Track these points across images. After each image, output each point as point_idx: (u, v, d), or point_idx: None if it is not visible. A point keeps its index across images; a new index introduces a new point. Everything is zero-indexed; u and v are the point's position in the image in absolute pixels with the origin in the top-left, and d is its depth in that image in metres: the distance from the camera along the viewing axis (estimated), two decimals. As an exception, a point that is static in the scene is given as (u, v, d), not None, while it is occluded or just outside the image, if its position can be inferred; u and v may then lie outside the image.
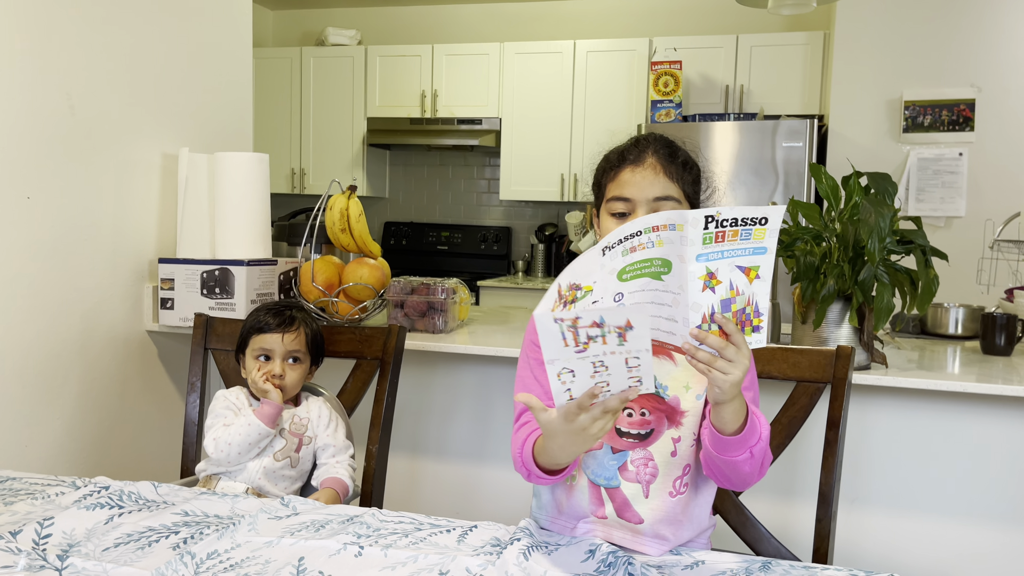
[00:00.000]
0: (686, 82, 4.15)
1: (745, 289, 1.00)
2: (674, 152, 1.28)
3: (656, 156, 1.25)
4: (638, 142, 1.29)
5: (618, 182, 1.26)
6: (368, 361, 1.77)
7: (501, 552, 1.13)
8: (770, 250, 1.00)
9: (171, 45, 2.23)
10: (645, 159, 1.25)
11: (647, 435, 1.23)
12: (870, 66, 3.71)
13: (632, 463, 1.22)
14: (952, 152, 3.63)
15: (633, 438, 1.23)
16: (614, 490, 1.23)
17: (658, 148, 1.27)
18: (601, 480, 1.23)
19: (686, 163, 1.28)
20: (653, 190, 1.23)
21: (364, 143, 4.77)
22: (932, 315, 2.39)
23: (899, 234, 1.78)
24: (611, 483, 1.23)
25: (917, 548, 1.94)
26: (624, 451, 1.23)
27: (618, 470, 1.23)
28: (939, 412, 1.92)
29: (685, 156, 1.29)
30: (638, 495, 1.22)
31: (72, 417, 1.99)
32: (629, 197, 1.24)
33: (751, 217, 0.98)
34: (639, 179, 1.24)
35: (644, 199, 1.23)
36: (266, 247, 2.23)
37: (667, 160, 1.26)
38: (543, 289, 4.27)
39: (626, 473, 1.23)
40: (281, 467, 1.60)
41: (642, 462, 1.22)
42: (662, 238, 0.98)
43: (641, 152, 1.26)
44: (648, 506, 1.22)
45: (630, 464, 1.22)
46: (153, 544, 1.14)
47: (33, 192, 1.87)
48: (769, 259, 1.01)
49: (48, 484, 1.37)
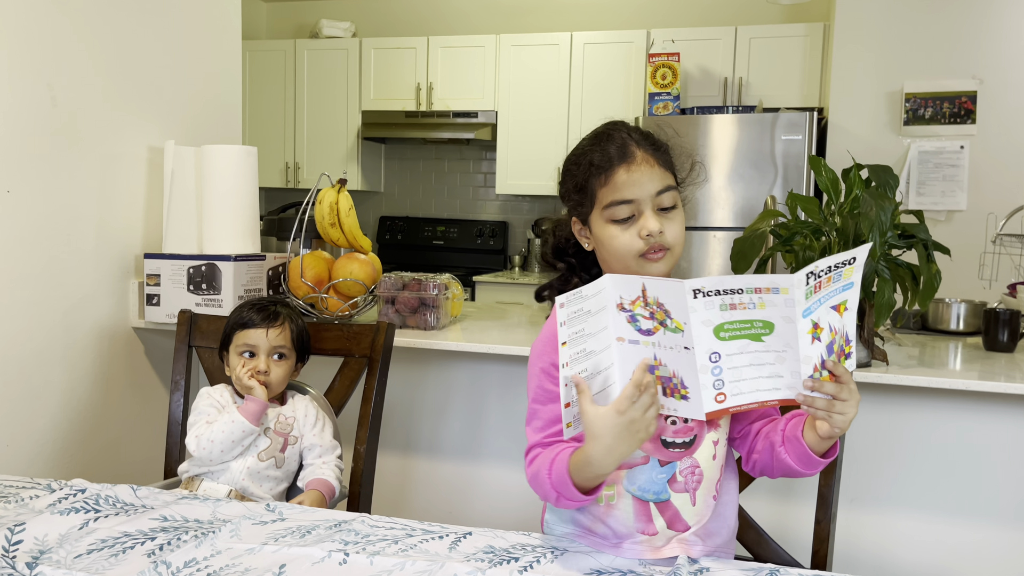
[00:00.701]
0: (684, 74, 4.10)
1: (839, 326, 1.03)
2: (652, 139, 1.23)
3: (642, 148, 1.20)
4: (611, 136, 1.21)
5: (613, 185, 1.18)
6: (356, 359, 1.72)
7: (494, 564, 1.09)
8: (856, 283, 1.03)
9: (157, 35, 2.18)
10: (635, 154, 1.19)
11: (691, 442, 1.18)
12: (871, 58, 3.66)
13: (681, 473, 1.18)
14: (953, 145, 3.59)
15: (679, 447, 1.18)
16: (664, 503, 1.18)
17: (638, 139, 1.21)
18: (650, 495, 1.18)
19: (660, 143, 1.23)
20: (653, 184, 1.18)
21: (359, 136, 4.72)
22: (933, 311, 2.35)
23: (900, 228, 1.74)
24: (661, 497, 1.18)
25: (917, 548, 1.91)
26: (672, 463, 1.18)
27: (667, 483, 1.18)
28: (941, 410, 1.88)
29: (660, 141, 1.24)
30: (686, 504, 1.19)
31: (55, 416, 1.95)
32: (632, 198, 1.17)
33: (843, 260, 1.01)
34: (637, 177, 1.17)
35: (647, 196, 1.18)
36: (255, 242, 2.18)
37: (653, 149, 1.21)
38: (539, 284, 4.22)
39: (675, 484, 1.18)
40: (266, 467, 1.56)
41: (690, 471, 1.18)
42: (764, 300, 0.98)
43: (625, 147, 1.20)
44: (695, 513, 1.19)
45: (679, 475, 1.18)
46: (128, 551, 1.10)
47: (13, 186, 1.82)
48: (856, 291, 1.04)
49: (23, 487, 1.32)
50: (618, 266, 1.21)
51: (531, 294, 4.37)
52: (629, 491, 1.18)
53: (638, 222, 1.18)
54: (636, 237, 1.18)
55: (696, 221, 3.74)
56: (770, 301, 0.97)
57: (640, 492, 1.18)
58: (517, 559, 1.10)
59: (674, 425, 1.17)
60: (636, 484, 1.18)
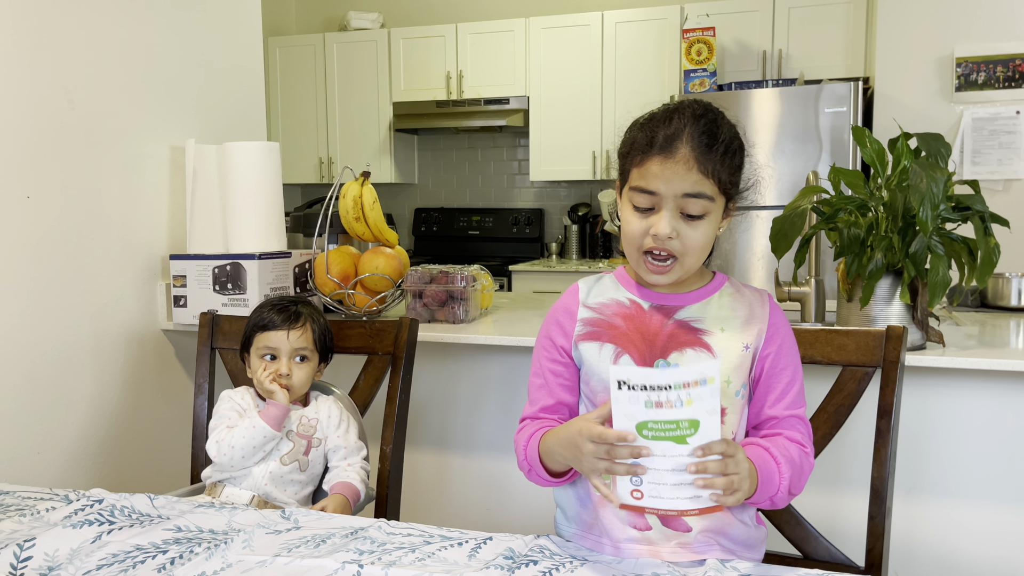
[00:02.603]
0: (720, 49, 3.96)
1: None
2: (714, 137, 1.10)
3: (690, 145, 1.08)
4: (671, 119, 1.10)
5: (643, 171, 1.10)
6: (380, 357, 1.67)
7: (513, 569, 1.02)
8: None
9: (175, 32, 2.15)
10: (677, 150, 1.08)
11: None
12: (918, 22, 3.48)
13: None
14: (1009, 111, 3.40)
15: None
16: None
17: (694, 133, 1.08)
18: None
19: (728, 149, 1.11)
20: (683, 185, 1.08)
21: (391, 128, 4.68)
22: (992, 286, 2.22)
23: (954, 200, 1.62)
24: None
25: (980, 541, 1.79)
26: None
27: None
28: (1004, 393, 1.75)
29: (728, 139, 1.11)
30: None
31: (85, 422, 1.94)
32: (655, 191, 1.09)
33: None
34: (668, 173, 1.08)
35: (672, 195, 1.09)
36: (280, 239, 2.14)
37: (704, 149, 1.08)
38: (577, 272, 4.15)
39: None
40: (289, 471, 1.51)
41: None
42: (692, 396, 0.92)
43: (673, 140, 1.08)
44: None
45: None
46: (138, 566, 1.06)
47: (33, 191, 1.80)
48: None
49: (40, 498, 1.30)
50: (627, 253, 1.16)
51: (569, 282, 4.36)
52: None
53: (653, 217, 1.10)
54: (645, 232, 1.10)
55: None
56: (697, 395, 0.92)
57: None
58: (536, 562, 1.04)
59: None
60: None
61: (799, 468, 1.12)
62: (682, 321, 1.15)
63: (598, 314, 1.18)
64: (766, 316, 1.18)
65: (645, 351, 1.13)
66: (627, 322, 1.16)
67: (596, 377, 1.16)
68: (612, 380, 0.92)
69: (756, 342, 1.16)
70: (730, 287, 1.20)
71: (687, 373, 0.91)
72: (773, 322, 1.18)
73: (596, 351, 1.16)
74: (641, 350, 1.13)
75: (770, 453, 1.10)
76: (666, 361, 1.13)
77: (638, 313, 1.16)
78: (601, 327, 1.17)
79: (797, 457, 1.12)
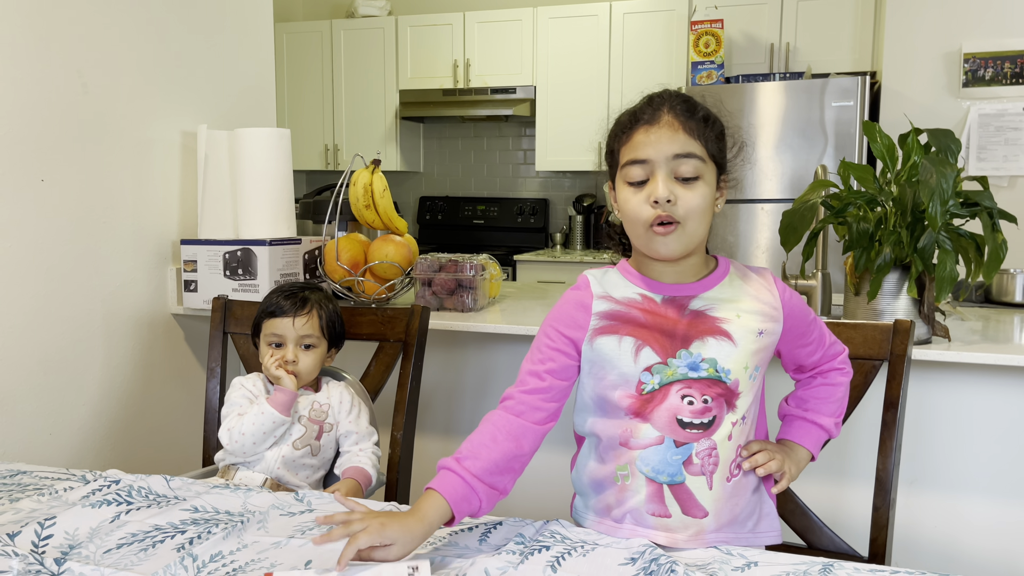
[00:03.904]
0: (728, 42, 3.96)
1: None
2: (692, 107, 1.13)
3: (672, 112, 1.12)
4: (651, 100, 1.15)
5: (631, 144, 1.12)
6: (391, 343, 1.69)
7: (525, 555, 1.04)
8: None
9: (187, 18, 2.16)
10: (660, 117, 1.12)
11: (710, 423, 1.13)
12: (926, 17, 3.48)
13: (697, 455, 1.13)
14: (1016, 107, 3.40)
15: (697, 428, 1.12)
16: (678, 486, 1.13)
17: (674, 104, 1.13)
18: (664, 477, 1.13)
19: (707, 118, 1.14)
20: (672, 147, 1.09)
21: (397, 116, 4.68)
22: (998, 282, 2.23)
23: (963, 196, 1.63)
24: (675, 479, 1.13)
25: (983, 534, 1.81)
26: (688, 443, 1.13)
27: (683, 465, 1.13)
28: (1008, 388, 1.77)
29: (705, 111, 1.15)
30: (702, 488, 1.14)
31: (97, 404, 1.96)
32: (645, 158, 1.10)
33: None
34: (654, 138, 1.10)
35: (663, 158, 1.09)
36: (290, 226, 2.16)
37: (685, 116, 1.12)
38: (581, 263, 4.16)
39: (691, 467, 1.13)
40: (301, 456, 1.53)
41: (706, 453, 1.13)
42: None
43: (656, 110, 1.12)
44: (712, 497, 1.14)
45: (695, 456, 1.13)
46: (157, 545, 1.08)
47: (47, 174, 1.81)
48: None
49: (58, 478, 1.32)
50: (633, 236, 1.16)
51: (573, 272, 4.35)
52: (642, 471, 1.14)
53: (649, 186, 1.11)
54: (645, 203, 1.10)
55: (742, 193, 3.62)
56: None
57: (654, 473, 1.13)
58: (548, 548, 1.05)
59: (691, 405, 1.12)
60: (649, 465, 1.13)
61: (839, 401, 1.30)
62: (698, 311, 1.15)
63: (615, 306, 1.17)
64: (777, 298, 1.19)
65: (666, 343, 1.13)
66: (645, 314, 1.15)
67: (616, 372, 1.14)
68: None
69: (774, 327, 1.18)
70: (735, 271, 1.21)
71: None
72: (784, 300, 1.20)
73: (616, 344, 1.14)
74: (662, 343, 1.13)
75: (808, 421, 1.29)
76: (689, 351, 1.13)
77: (652, 306, 1.16)
78: (619, 319, 1.16)
79: (835, 397, 1.30)
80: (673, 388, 1.12)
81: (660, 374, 1.13)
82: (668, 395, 1.12)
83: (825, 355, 1.29)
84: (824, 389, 1.30)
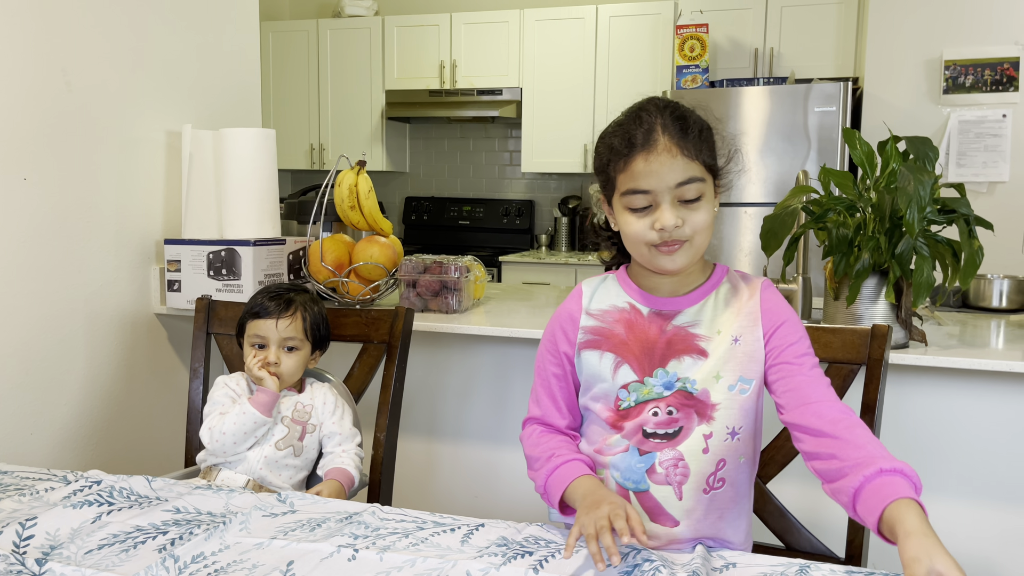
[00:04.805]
0: (713, 46, 3.99)
1: None
2: (685, 124, 1.12)
3: (668, 135, 1.10)
4: (640, 118, 1.12)
5: (631, 173, 1.11)
6: (375, 345, 1.69)
7: (507, 559, 1.05)
8: None
9: (172, 16, 2.15)
10: (656, 143, 1.10)
11: (675, 434, 1.15)
12: (908, 24, 3.52)
13: (660, 464, 1.15)
14: (995, 114, 3.45)
15: (660, 438, 1.15)
16: (643, 494, 1.16)
17: (667, 123, 1.11)
18: (630, 484, 1.16)
19: (701, 132, 1.14)
20: (674, 175, 1.10)
21: (383, 116, 4.68)
22: (975, 287, 2.26)
23: (940, 203, 1.65)
24: (639, 487, 1.16)
25: (959, 534, 1.83)
26: (652, 452, 1.15)
27: (645, 473, 1.15)
28: (983, 392, 1.80)
29: (698, 124, 1.14)
30: (670, 498, 1.15)
31: (78, 404, 1.95)
32: (648, 189, 1.10)
33: None
34: (655, 167, 1.09)
35: (664, 188, 1.10)
36: (275, 226, 2.16)
37: (680, 137, 1.11)
38: (567, 264, 4.17)
39: (655, 476, 1.15)
40: (284, 456, 1.53)
41: (671, 463, 1.15)
42: None
43: (649, 133, 1.10)
44: (683, 508, 1.15)
45: (658, 466, 1.15)
46: (139, 546, 1.08)
47: (30, 173, 1.81)
48: None
49: (39, 479, 1.31)
50: (635, 254, 1.17)
51: (558, 274, 4.35)
52: (613, 477, 1.18)
53: (654, 213, 1.11)
54: (649, 229, 1.11)
55: (726, 197, 3.63)
56: None
57: (621, 479, 1.17)
58: (531, 553, 1.06)
59: (655, 416, 1.15)
60: (619, 471, 1.17)
61: (875, 440, 1.05)
62: (679, 328, 1.17)
63: (599, 321, 1.20)
64: (757, 302, 1.17)
65: (644, 360, 1.16)
66: (627, 330, 1.18)
67: (598, 386, 1.19)
68: None
69: (753, 333, 1.15)
70: (727, 283, 1.20)
71: None
72: (763, 299, 1.17)
73: (597, 359, 1.19)
74: (640, 359, 1.16)
75: (896, 474, 0.99)
76: (665, 371, 1.15)
77: (637, 320, 1.18)
78: (602, 335, 1.19)
79: (868, 438, 1.05)
80: (648, 406, 1.16)
81: (636, 392, 1.16)
82: (643, 412, 1.16)
83: (831, 396, 1.13)
84: (854, 432, 1.06)
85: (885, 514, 0.94)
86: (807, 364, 1.14)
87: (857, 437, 1.04)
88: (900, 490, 0.95)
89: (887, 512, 0.93)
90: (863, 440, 1.04)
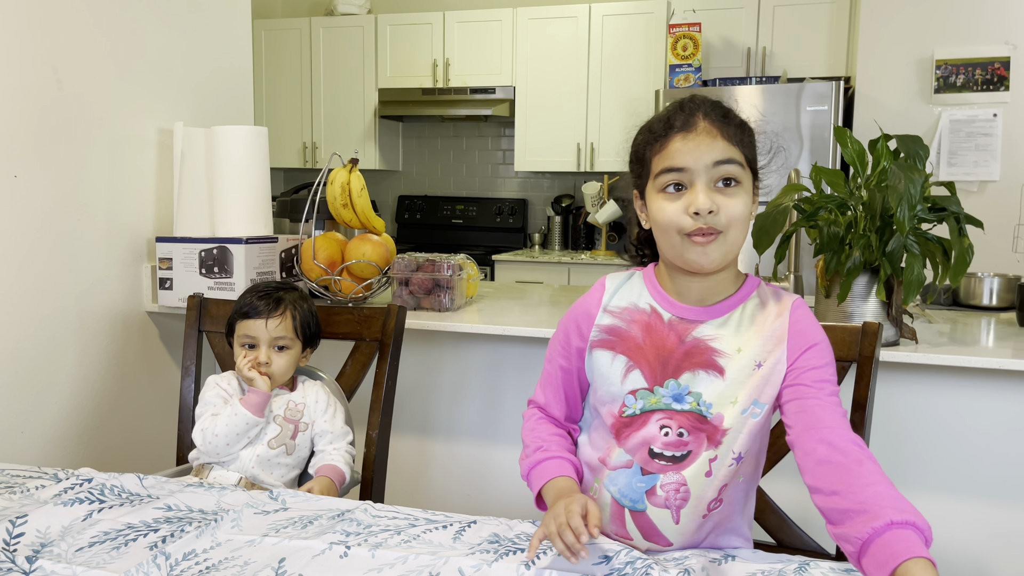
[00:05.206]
0: (706, 45, 4.00)
1: None
2: (727, 113, 1.10)
3: (709, 119, 1.07)
4: (683, 106, 1.10)
5: (667, 152, 1.07)
6: (367, 343, 1.69)
7: (499, 555, 1.05)
8: None
9: (164, 14, 2.15)
10: (696, 123, 1.07)
11: (683, 457, 1.10)
12: (900, 23, 3.53)
13: (662, 487, 1.11)
14: (986, 113, 3.46)
15: (667, 460, 1.11)
16: (639, 514, 1.13)
17: (709, 110, 1.08)
18: (626, 502, 1.13)
19: (742, 125, 1.11)
20: (712, 154, 1.05)
21: (376, 115, 4.67)
22: (965, 285, 2.27)
23: (931, 201, 1.66)
24: (636, 506, 1.12)
25: (949, 531, 1.85)
26: (655, 474, 1.11)
27: (645, 494, 1.12)
28: (973, 389, 1.81)
29: (740, 118, 1.12)
30: (666, 520, 1.12)
31: (69, 402, 1.94)
32: (683, 166, 1.05)
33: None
34: (693, 145, 1.05)
35: (702, 166, 1.05)
36: (267, 224, 2.15)
37: (722, 122, 1.08)
38: (560, 263, 4.18)
39: (654, 498, 1.11)
40: (276, 455, 1.53)
41: (673, 487, 1.11)
42: None
43: (690, 116, 1.08)
44: (678, 530, 1.13)
45: (659, 489, 1.11)
46: (130, 543, 1.08)
47: (20, 171, 1.80)
48: None
49: (29, 476, 1.31)
50: (666, 246, 1.09)
51: (551, 272, 4.32)
52: (609, 490, 1.14)
53: (688, 196, 1.06)
54: (683, 213, 1.05)
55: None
56: None
57: (619, 495, 1.14)
58: (523, 549, 1.06)
59: (666, 436, 1.10)
60: (616, 486, 1.14)
61: (885, 478, 0.98)
62: (699, 340, 1.11)
63: (616, 320, 1.15)
64: (785, 323, 1.11)
65: (657, 368, 1.11)
66: (644, 334, 1.12)
67: (605, 388, 1.14)
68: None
69: (777, 356, 1.10)
70: (756, 298, 1.14)
71: None
72: (795, 329, 1.11)
73: (608, 361, 1.14)
74: (653, 366, 1.11)
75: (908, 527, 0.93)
76: (677, 382, 1.10)
77: (657, 325, 1.13)
78: (617, 335, 1.14)
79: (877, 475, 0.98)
80: (654, 416, 1.11)
81: (644, 400, 1.11)
82: (647, 423, 1.11)
83: (844, 425, 1.06)
84: (863, 467, 0.99)
85: (896, 575, 0.88)
86: (825, 390, 1.07)
87: (866, 473, 0.97)
88: (912, 547, 0.89)
89: (898, 573, 0.88)
90: (872, 477, 0.97)
